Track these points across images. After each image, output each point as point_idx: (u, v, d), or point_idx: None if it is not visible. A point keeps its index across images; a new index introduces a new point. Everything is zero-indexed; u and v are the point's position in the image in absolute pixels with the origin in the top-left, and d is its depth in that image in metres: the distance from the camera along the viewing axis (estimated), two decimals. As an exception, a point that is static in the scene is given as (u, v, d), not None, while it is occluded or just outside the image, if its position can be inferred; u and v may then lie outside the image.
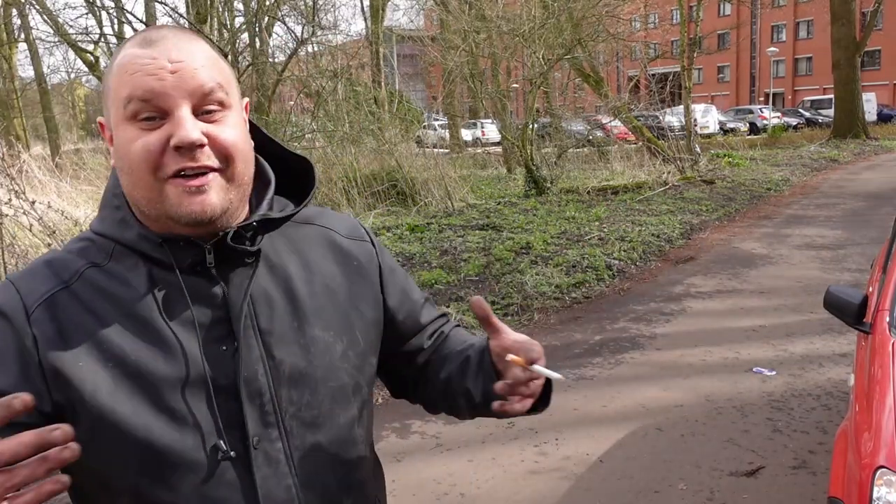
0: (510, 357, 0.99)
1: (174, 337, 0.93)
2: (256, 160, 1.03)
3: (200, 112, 0.92)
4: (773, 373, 4.83)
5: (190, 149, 0.89)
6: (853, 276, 7.25)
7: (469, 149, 26.74)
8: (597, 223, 10.39)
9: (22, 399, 0.71)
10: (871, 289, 3.49)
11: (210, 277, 0.97)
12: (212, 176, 0.92)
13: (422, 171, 12.87)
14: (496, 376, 1.04)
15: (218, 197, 0.92)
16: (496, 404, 1.01)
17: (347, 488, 1.05)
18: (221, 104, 0.93)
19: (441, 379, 1.16)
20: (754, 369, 4.91)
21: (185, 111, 0.90)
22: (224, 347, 0.95)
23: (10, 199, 6.95)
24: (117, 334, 0.92)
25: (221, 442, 0.93)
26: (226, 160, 0.93)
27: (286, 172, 1.08)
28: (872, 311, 2.89)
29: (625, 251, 8.59)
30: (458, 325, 1.28)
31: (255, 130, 1.04)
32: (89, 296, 0.93)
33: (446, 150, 20.04)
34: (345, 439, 1.04)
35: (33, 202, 6.94)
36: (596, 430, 4.10)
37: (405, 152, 13.32)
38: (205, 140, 0.90)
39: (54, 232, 6.92)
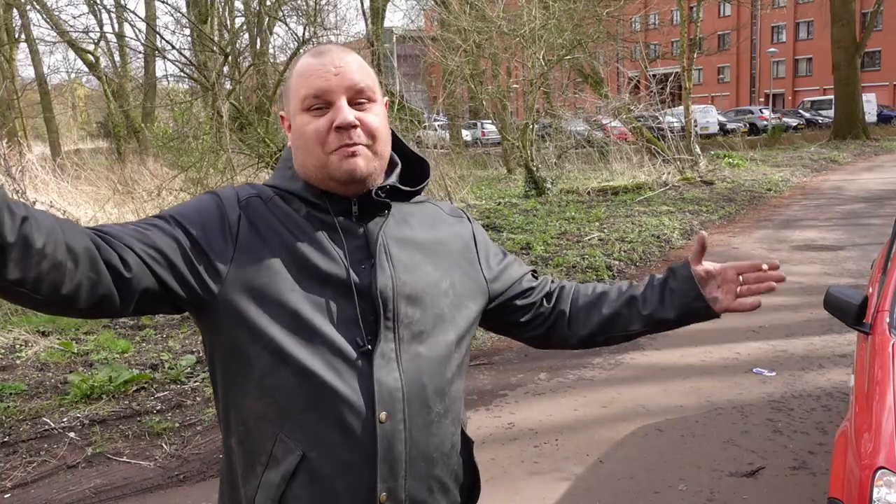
0: (759, 271, 1.39)
1: (332, 252, 1.26)
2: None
3: (354, 103, 1.25)
4: (773, 373, 4.84)
5: (346, 128, 1.23)
6: (853, 276, 7.25)
7: (469, 149, 26.74)
8: (597, 224, 10.39)
9: None
10: (871, 289, 3.50)
11: (354, 221, 1.30)
12: (361, 147, 1.25)
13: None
14: (696, 289, 1.42)
15: (365, 162, 1.25)
16: (732, 300, 1.43)
17: (440, 396, 1.31)
18: (369, 99, 1.27)
19: (603, 314, 1.48)
20: (754, 370, 4.92)
21: (343, 102, 1.24)
22: (363, 266, 1.27)
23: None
24: (292, 238, 1.25)
25: (358, 338, 1.23)
26: (371, 138, 1.26)
27: (408, 168, 1.40)
28: (872, 311, 2.89)
29: (625, 252, 8.60)
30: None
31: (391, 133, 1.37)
32: (275, 210, 1.27)
33: (446, 151, 20.02)
34: (441, 357, 1.31)
35: (34, 202, 6.95)
36: (596, 431, 4.10)
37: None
38: (357, 122, 1.24)
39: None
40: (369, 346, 1.23)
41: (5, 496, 3.62)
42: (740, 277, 1.42)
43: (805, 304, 6.32)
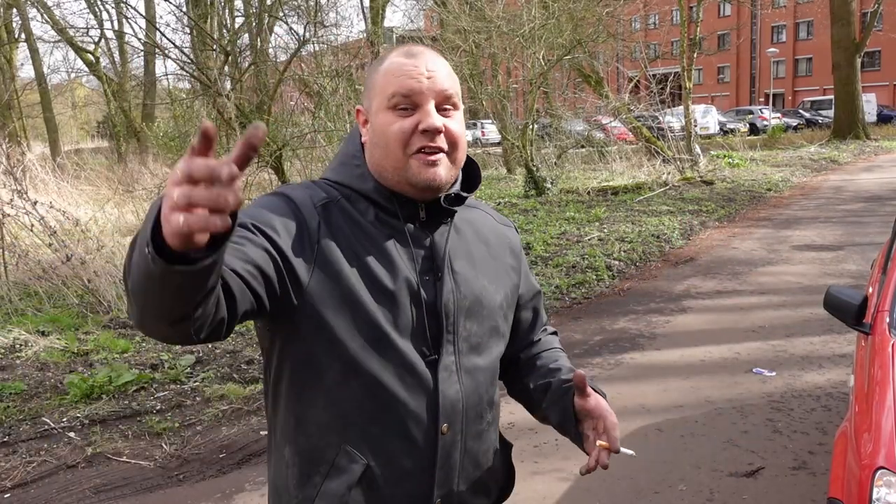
0: (600, 443, 1.35)
1: (401, 261, 1.26)
2: None
3: (440, 109, 1.25)
4: (773, 373, 4.84)
5: (433, 133, 1.23)
6: (853, 276, 7.25)
7: (469, 149, 26.69)
8: (596, 224, 10.39)
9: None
10: (870, 289, 3.50)
11: (422, 228, 1.30)
12: (441, 156, 1.25)
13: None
14: (575, 417, 1.40)
15: (445, 172, 1.26)
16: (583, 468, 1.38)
17: (490, 405, 1.36)
18: (454, 106, 1.28)
19: (525, 383, 1.50)
20: (754, 370, 4.92)
21: (431, 106, 1.24)
22: (427, 278, 1.28)
23: (12, 200, 6.95)
24: (363, 247, 1.24)
25: (425, 348, 1.26)
26: (452, 146, 1.26)
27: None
28: (872, 311, 2.89)
29: (625, 252, 8.60)
30: (554, 333, 1.62)
31: None
32: (344, 215, 1.26)
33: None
34: (492, 368, 1.37)
35: (35, 202, 6.94)
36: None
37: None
38: (443, 128, 1.24)
39: (55, 232, 6.92)
40: (435, 356, 1.26)
41: (5, 496, 3.62)
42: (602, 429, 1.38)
43: (805, 304, 6.32)
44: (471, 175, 1.40)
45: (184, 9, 15.28)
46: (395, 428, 1.24)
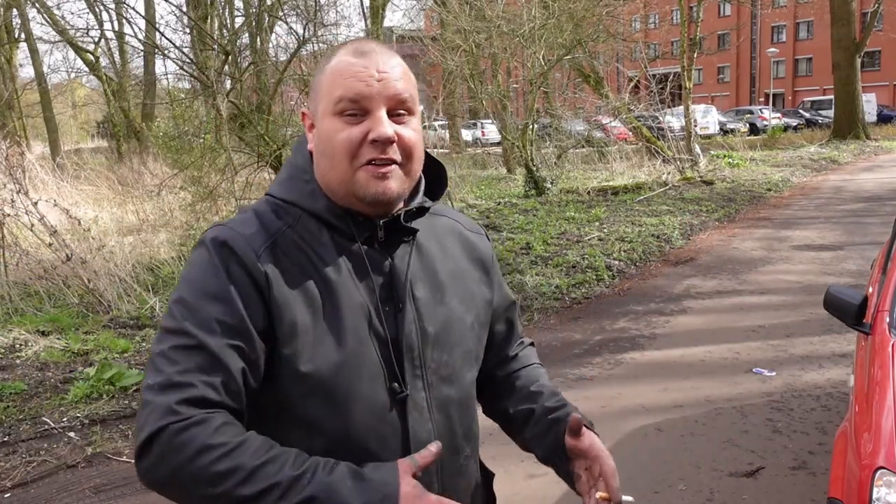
0: (601, 494, 1.24)
1: (359, 294, 1.14)
2: None
3: (393, 114, 1.13)
4: (773, 373, 4.84)
5: (384, 143, 1.11)
6: (853, 276, 7.25)
7: (469, 149, 26.75)
8: (596, 224, 10.39)
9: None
10: (870, 289, 3.50)
11: (380, 250, 1.18)
12: (394, 168, 1.13)
13: (422, 171, 12.84)
14: (565, 454, 1.30)
15: (396, 185, 1.14)
16: None
17: (468, 438, 1.26)
18: (409, 111, 1.16)
19: (503, 407, 1.40)
20: (754, 370, 4.92)
21: (383, 112, 1.12)
22: (387, 308, 1.16)
23: (13, 199, 6.95)
24: (318, 288, 1.12)
25: (396, 384, 1.14)
26: (407, 157, 1.15)
27: (425, 173, 1.28)
28: (872, 311, 2.89)
29: (625, 252, 8.60)
30: (531, 345, 1.52)
31: None
32: (292, 251, 1.13)
33: (446, 151, 20.04)
34: (468, 396, 1.27)
35: (36, 202, 6.95)
36: (596, 431, 4.10)
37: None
38: (395, 137, 1.12)
39: (55, 231, 6.92)
40: (405, 392, 1.16)
41: (5, 496, 3.62)
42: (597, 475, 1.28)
43: (805, 304, 6.32)
44: (438, 179, 1.30)
45: (184, 9, 15.29)
46: None
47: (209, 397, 1.02)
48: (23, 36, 23.88)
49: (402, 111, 1.14)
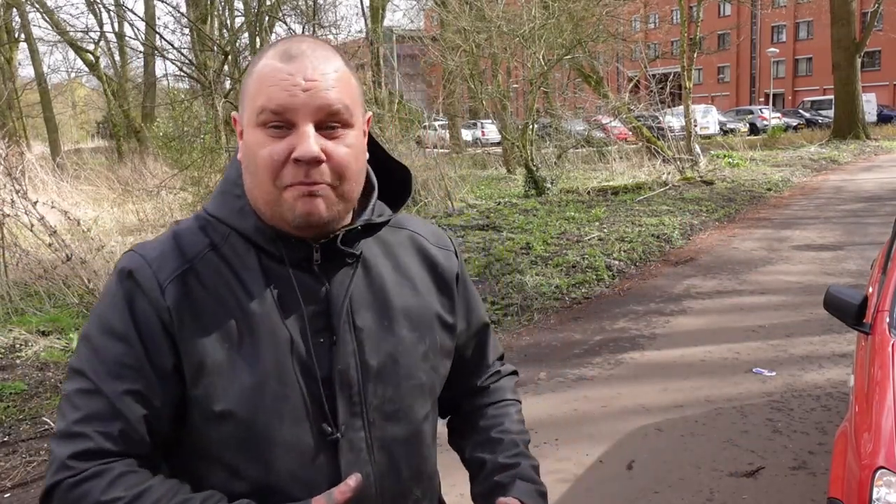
0: None
1: (285, 327, 1.02)
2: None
3: (324, 127, 0.99)
4: (773, 373, 4.84)
5: (308, 163, 0.97)
6: (853, 276, 7.25)
7: (469, 149, 26.75)
8: (596, 223, 10.39)
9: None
10: (870, 289, 3.50)
11: (314, 274, 1.05)
12: (323, 187, 0.99)
13: (422, 171, 12.87)
14: None
15: (326, 207, 1.00)
16: None
17: (418, 479, 1.13)
18: (344, 124, 1.00)
19: (461, 446, 1.30)
20: (754, 370, 4.92)
21: (309, 128, 0.97)
22: (321, 339, 1.04)
23: (12, 200, 6.95)
24: (234, 319, 1.01)
25: (325, 425, 1.03)
26: (339, 178, 1.00)
27: (387, 178, 1.16)
28: (872, 311, 2.89)
29: (625, 251, 8.60)
30: (511, 374, 1.39)
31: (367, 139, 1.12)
32: (210, 278, 1.02)
33: (446, 151, 20.04)
34: (418, 433, 1.13)
35: (35, 202, 6.95)
36: (596, 431, 4.10)
37: (405, 152, 13.32)
38: (323, 157, 0.98)
39: (55, 232, 6.92)
40: (336, 434, 1.03)
41: (5, 496, 3.62)
42: None
43: (805, 304, 6.32)
44: (404, 185, 1.16)
45: (182, 10, 15.29)
46: None
47: (106, 448, 0.96)
48: (23, 36, 23.89)
49: (334, 124, 0.99)
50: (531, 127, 14.66)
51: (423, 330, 1.13)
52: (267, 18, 14.04)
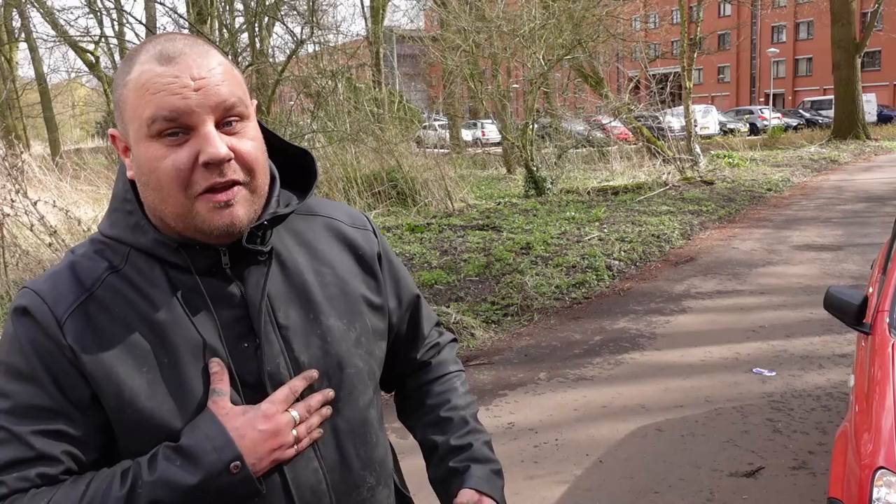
0: None
1: (200, 337, 0.98)
2: None
3: (223, 124, 0.95)
4: (773, 373, 4.84)
5: (219, 164, 0.93)
6: (853, 276, 7.25)
7: (469, 149, 26.75)
8: (596, 224, 10.39)
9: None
10: (871, 289, 3.50)
11: (226, 278, 1.01)
12: (237, 189, 0.96)
13: (422, 171, 12.88)
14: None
15: (244, 210, 0.97)
16: None
17: (370, 467, 1.11)
18: (240, 116, 0.97)
19: (410, 426, 1.29)
20: (754, 370, 4.92)
21: (210, 127, 0.93)
22: (246, 344, 1.00)
23: (12, 200, 6.95)
24: (146, 340, 0.96)
25: None
26: (249, 173, 0.97)
27: (287, 165, 1.11)
28: (872, 311, 2.89)
29: (625, 251, 8.60)
30: (451, 343, 1.36)
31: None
32: (114, 303, 0.97)
33: (446, 151, 20.04)
34: (363, 421, 1.10)
35: (35, 202, 6.95)
36: (596, 431, 4.10)
37: (405, 152, 13.32)
38: (231, 155, 0.94)
39: (55, 231, 6.92)
40: None
41: (5, 496, 3.62)
42: None
43: (805, 304, 6.32)
44: (306, 170, 1.12)
45: (181, 11, 15.31)
46: None
47: (24, 488, 0.92)
48: (23, 36, 23.89)
49: (232, 118, 0.95)
50: (531, 127, 14.66)
51: (351, 316, 1.10)
52: (266, 18, 14.05)
